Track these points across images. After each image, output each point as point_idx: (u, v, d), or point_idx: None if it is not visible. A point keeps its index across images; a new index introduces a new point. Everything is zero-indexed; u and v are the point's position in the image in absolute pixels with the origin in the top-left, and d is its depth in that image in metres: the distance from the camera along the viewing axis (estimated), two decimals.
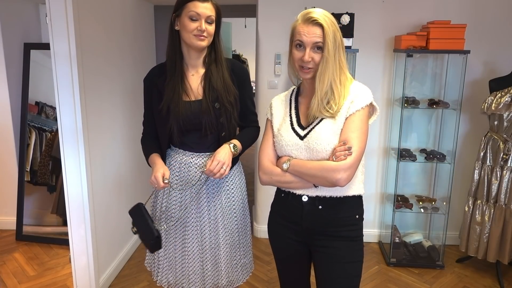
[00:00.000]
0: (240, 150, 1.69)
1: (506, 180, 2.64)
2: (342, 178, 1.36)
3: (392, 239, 3.01)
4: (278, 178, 1.49)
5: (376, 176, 3.23)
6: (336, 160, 1.38)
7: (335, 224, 1.48)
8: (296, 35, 1.42)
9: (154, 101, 1.70)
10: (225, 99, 1.64)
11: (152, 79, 1.73)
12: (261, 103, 3.16)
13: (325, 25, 1.38)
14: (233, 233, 1.78)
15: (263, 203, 3.32)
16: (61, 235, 3.16)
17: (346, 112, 1.42)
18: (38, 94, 3.26)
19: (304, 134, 1.46)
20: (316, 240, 1.51)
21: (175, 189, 1.72)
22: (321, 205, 1.47)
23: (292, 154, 1.48)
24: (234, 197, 1.77)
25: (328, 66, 1.39)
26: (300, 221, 1.50)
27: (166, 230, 1.77)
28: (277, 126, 1.54)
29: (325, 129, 1.42)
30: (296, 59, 1.43)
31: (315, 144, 1.42)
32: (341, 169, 1.36)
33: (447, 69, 2.98)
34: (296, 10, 2.94)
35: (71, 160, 2.32)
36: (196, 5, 1.57)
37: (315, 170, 1.41)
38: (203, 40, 1.60)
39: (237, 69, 1.73)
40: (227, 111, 1.65)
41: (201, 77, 1.68)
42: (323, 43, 1.38)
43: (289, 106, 1.56)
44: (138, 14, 3.20)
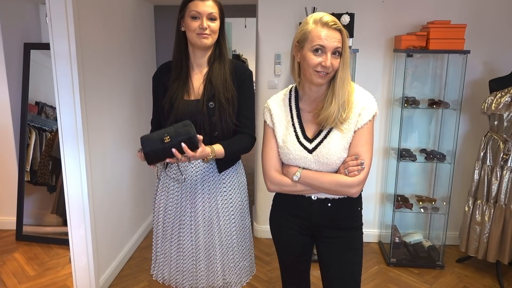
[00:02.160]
0: (217, 156, 1.60)
1: (506, 180, 2.64)
2: (356, 192, 1.44)
3: (392, 239, 3.01)
4: (289, 188, 1.51)
5: (376, 176, 3.23)
6: (349, 175, 1.42)
7: (342, 218, 1.53)
8: (315, 39, 1.37)
9: (160, 97, 1.73)
10: (222, 95, 1.63)
11: (159, 77, 1.76)
12: (261, 103, 3.16)
13: (342, 30, 1.39)
14: (231, 235, 1.77)
15: (263, 203, 3.32)
16: (61, 235, 3.16)
17: (355, 126, 1.43)
18: (38, 94, 3.26)
19: (312, 148, 1.46)
20: (322, 232, 1.55)
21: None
22: (330, 203, 1.51)
23: (300, 165, 1.49)
24: (232, 199, 1.77)
25: (346, 71, 1.41)
26: (309, 217, 1.53)
27: (164, 226, 1.80)
28: (281, 137, 1.52)
29: (334, 143, 1.43)
30: (313, 64, 1.38)
31: (325, 159, 1.44)
32: (355, 184, 1.42)
33: (447, 69, 2.98)
34: (296, 10, 2.99)
35: (71, 160, 2.32)
36: (196, 4, 1.59)
37: (328, 184, 1.44)
38: (206, 38, 1.61)
39: (240, 70, 1.72)
40: (222, 108, 1.63)
41: (204, 76, 1.69)
42: (342, 48, 1.39)
43: (290, 112, 1.53)
44: (138, 14, 3.20)
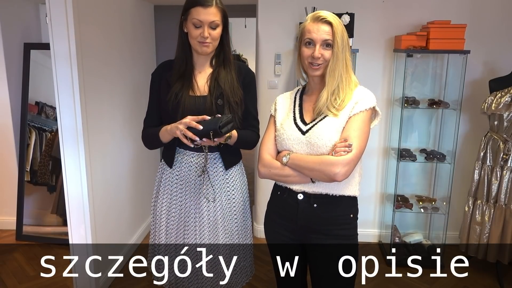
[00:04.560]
0: (231, 140, 1.64)
1: (506, 180, 2.64)
2: (340, 172, 1.39)
3: (392, 239, 3.01)
4: (277, 171, 1.51)
5: (376, 176, 3.23)
6: (336, 155, 1.41)
7: (330, 223, 1.51)
8: (305, 33, 1.47)
9: (163, 93, 1.70)
10: (231, 99, 1.65)
11: (161, 73, 1.74)
12: (261, 103, 3.15)
13: (334, 23, 1.44)
14: (233, 235, 1.78)
15: (263, 203, 3.28)
16: (61, 235, 3.16)
17: (350, 112, 1.46)
18: (38, 94, 3.26)
19: (306, 129, 1.49)
20: (311, 238, 1.53)
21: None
22: (316, 203, 1.49)
23: (292, 149, 1.50)
24: (235, 198, 1.77)
25: (338, 62, 1.45)
26: (295, 218, 1.53)
27: (167, 229, 1.77)
28: (280, 120, 1.58)
29: (327, 126, 1.46)
30: (305, 56, 1.47)
31: (316, 139, 1.45)
32: (339, 163, 1.39)
33: (447, 69, 2.98)
34: (296, 10, 2.99)
35: (71, 160, 2.32)
36: (198, 12, 1.56)
37: (313, 163, 1.43)
38: (207, 47, 1.61)
39: (244, 73, 1.73)
40: (231, 108, 1.65)
41: (208, 76, 1.69)
42: (332, 41, 1.44)
43: (294, 103, 1.60)
44: (138, 14, 3.19)
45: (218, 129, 1.44)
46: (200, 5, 1.57)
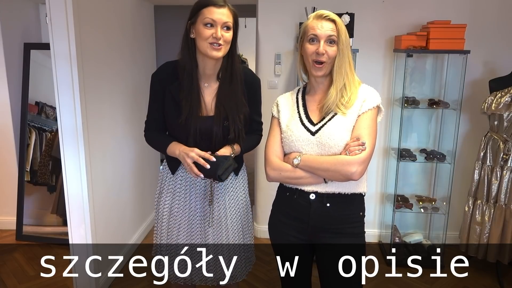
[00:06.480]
0: (235, 154, 1.67)
1: (506, 180, 2.64)
2: (357, 171, 1.40)
3: (392, 239, 3.01)
4: (288, 174, 1.50)
5: (376, 176, 3.23)
6: (350, 155, 1.41)
7: (341, 222, 1.51)
8: (309, 30, 1.47)
9: (168, 107, 1.64)
10: (236, 117, 1.62)
11: (163, 80, 1.66)
12: (261, 104, 3.16)
13: (337, 21, 1.46)
14: (235, 235, 1.78)
15: (263, 203, 3.32)
16: (61, 235, 3.16)
17: (359, 110, 1.46)
18: (38, 94, 3.26)
19: (315, 130, 1.49)
20: (321, 237, 1.53)
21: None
22: (329, 203, 1.49)
23: (302, 150, 1.49)
24: (238, 197, 1.78)
25: (344, 58, 1.46)
26: (307, 219, 1.52)
27: (168, 228, 1.78)
28: (285, 122, 1.56)
29: (337, 125, 1.46)
30: (309, 53, 1.47)
31: (328, 140, 1.45)
32: (355, 162, 1.40)
33: (447, 69, 2.98)
34: (296, 10, 2.99)
35: (71, 160, 2.32)
36: (211, 11, 1.50)
37: (328, 164, 1.43)
38: (219, 50, 1.52)
39: (249, 81, 1.70)
40: (236, 127, 1.63)
41: (215, 94, 1.65)
42: (337, 37, 1.45)
43: (296, 104, 1.59)
44: (138, 14, 3.20)
45: (218, 178, 1.53)
46: (213, 5, 1.51)
